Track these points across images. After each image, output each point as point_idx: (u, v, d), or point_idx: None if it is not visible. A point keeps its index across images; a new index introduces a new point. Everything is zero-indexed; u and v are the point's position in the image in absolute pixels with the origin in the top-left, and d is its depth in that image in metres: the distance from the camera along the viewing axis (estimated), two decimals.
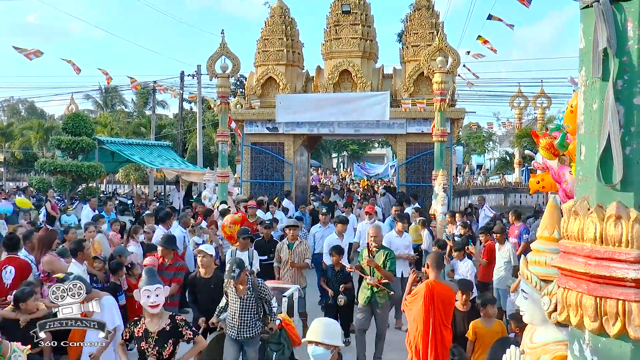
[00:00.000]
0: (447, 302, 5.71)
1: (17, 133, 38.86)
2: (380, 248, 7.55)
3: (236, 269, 5.82)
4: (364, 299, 7.44)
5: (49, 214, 14.59)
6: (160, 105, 42.27)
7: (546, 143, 4.33)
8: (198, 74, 27.87)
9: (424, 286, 5.65)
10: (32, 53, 14.86)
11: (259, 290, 6.12)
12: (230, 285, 6.05)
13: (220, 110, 15.01)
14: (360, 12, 18.32)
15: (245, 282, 6.07)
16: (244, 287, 6.06)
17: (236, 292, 6.06)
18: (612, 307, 1.74)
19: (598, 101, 1.80)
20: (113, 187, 31.43)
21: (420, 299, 5.59)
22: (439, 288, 5.64)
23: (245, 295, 6.05)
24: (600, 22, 1.75)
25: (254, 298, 6.08)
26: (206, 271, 6.85)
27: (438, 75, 13.96)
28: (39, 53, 15.04)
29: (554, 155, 4.35)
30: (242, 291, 6.06)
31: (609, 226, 1.75)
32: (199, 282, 6.89)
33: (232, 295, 6.10)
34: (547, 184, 5.09)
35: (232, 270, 5.81)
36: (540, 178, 5.25)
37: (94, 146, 18.79)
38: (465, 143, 51.51)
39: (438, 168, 14.03)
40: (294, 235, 8.77)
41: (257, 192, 18.09)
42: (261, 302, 6.15)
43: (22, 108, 59.09)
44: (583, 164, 1.88)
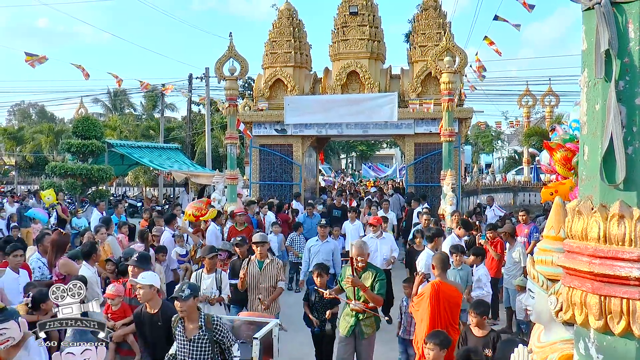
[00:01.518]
0: (453, 302, 5.70)
1: (28, 137, 39.18)
2: (368, 267, 6.16)
3: (186, 289, 4.66)
4: (346, 329, 6.11)
5: (60, 217, 14.69)
6: (169, 108, 42.46)
7: (561, 157, 4.15)
8: (206, 76, 28.02)
9: (430, 286, 5.68)
10: (37, 60, 14.95)
11: (214, 331, 4.70)
12: (177, 324, 4.79)
13: (229, 112, 15.06)
14: (367, 13, 18.34)
15: (195, 318, 4.73)
16: (194, 325, 4.73)
17: (184, 331, 4.73)
18: (616, 305, 1.76)
19: (600, 102, 1.82)
20: (123, 190, 31.62)
21: (427, 299, 5.60)
22: (444, 288, 5.66)
23: (196, 336, 4.68)
24: (601, 24, 1.77)
25: (207, 341, 4.68)
26: (150, 305, 5.44)
27: (445, 75, 13.95)
28: (43, 59, 15.13)
29: (569, 170, 4.23)
30: (191, 331, 4.72)
31: (612, 225, 1.77)
32: (144, 318, 5.51)
33: (180, 337, 4.76)
34: (561, 195, 4.94)
35: (181, 290, 4.66)
36: (553, 189, 5.18)
37: (103, 149, 18.93)
38: (473, 142, 51.39)
39: (446, 168, 14.02)
40: (263, 253, 7.13)
41: (266, 194, 18.14)
42: (217, 347, 4.75)
43: (32, 112, 59.68)
44: (586, 164, 1.90)
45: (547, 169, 4.73)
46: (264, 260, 7.08)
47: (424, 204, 14.17)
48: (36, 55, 14.98)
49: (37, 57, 14.93)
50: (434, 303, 5.54)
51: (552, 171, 4.58)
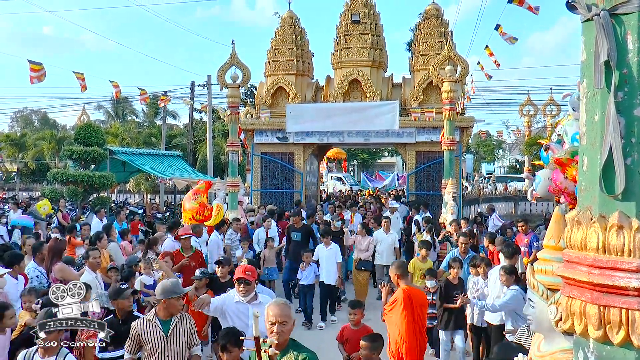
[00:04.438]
0: (424, 305, 5.94)
1: (30, 143, 39.31)
2: (289, 348, 3.63)
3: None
4: None
5: (61, 223, 14.70)
6: (171, 115, 42.57)
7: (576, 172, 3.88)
8: (208, 84, 28.09)
9: (401, 292, 5.78)
10: (36, 78, 14.95)
11: None
12: None
13: (230, 120, 15.09)
14: (369, 21, 18.40)
15: None
16: None
17: None
18: (615, 315, 1.76)
19: (599, 112, 1.83)
20: (124, 197, 31.64)
21: (400, 304, 5.70)
22: (414, 292, 5.83)
23: None
24: (600, 35, 1.78)
25: None
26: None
27: (447, 84, 13.98)
28: (42, 77, 15.12)
29: None
30: None
31: (611, 236, 1.78)
32: None
33: None
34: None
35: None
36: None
37: (105, 156, 18.95)
38: (474, 151, 51.41)
39: (447, 177, 14.03)
40: (172, 307, 4.87)
41: (267, 202, 18.14)
42: None
43: (35, 119, 59.90)
44: (585, 174, 1.91)
45: (554, 189, 4.54)
46: (171, 319, 4.83)
47: (426, 212, 14.15)
48: (39, 64, 14.98)
49: (39, 73, 14.90)
50: (408, 308, 5.67)
51: (560, 190, 4.41)
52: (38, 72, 15.03)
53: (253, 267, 5.58)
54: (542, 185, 4.95)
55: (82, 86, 17.18)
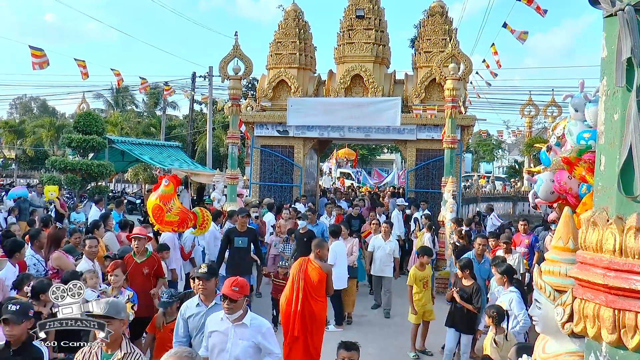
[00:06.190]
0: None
1: (29, 131, 39.22)
2: None
3: None
4: None
5: (58, 211, 14.65)
6: (171, 106, 42.50)
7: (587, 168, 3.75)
8: (209, 75, 27.99)
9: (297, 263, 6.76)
10: (38, 64, 14.87)
11: None
12: None
13: (231, 112, 15.03)
14: (374, 17, 18.32)
15: None
16: None
17: None
18: (630, 319, 1.72)
19: (620, 111, 1.78)
20: (122, 186, 31.59)
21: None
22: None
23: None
24: (624, 31, 1.73)
25: None
26: None
27: (450, 82, 13.93)
28: (45, 64, 15.05)
29: None
30: None
31: (629, 238, 1.73)
32: None
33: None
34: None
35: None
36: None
37: (104, 145, 18.89)
38: (474, 150, 51.41)
39: (447, 175, 14.00)
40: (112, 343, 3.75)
41: (266, 195, 18.10)
42: None
43: (34, 106, 59.76)
44: (603, 174, 1.86)
45: (558, 189, 4.45)
46: (114, 353, 3.75)
47: (425, 210, 14.10)
48: (40, 50, 14.91)
49: (42, 60, 14.84)
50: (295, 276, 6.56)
51: (564, 191, 4.34)
52: (40, 58, 14.95)
53: (244, 281, 4.48)
54: (544, 187, 4.86)
55: (83, 74, 17.11)
